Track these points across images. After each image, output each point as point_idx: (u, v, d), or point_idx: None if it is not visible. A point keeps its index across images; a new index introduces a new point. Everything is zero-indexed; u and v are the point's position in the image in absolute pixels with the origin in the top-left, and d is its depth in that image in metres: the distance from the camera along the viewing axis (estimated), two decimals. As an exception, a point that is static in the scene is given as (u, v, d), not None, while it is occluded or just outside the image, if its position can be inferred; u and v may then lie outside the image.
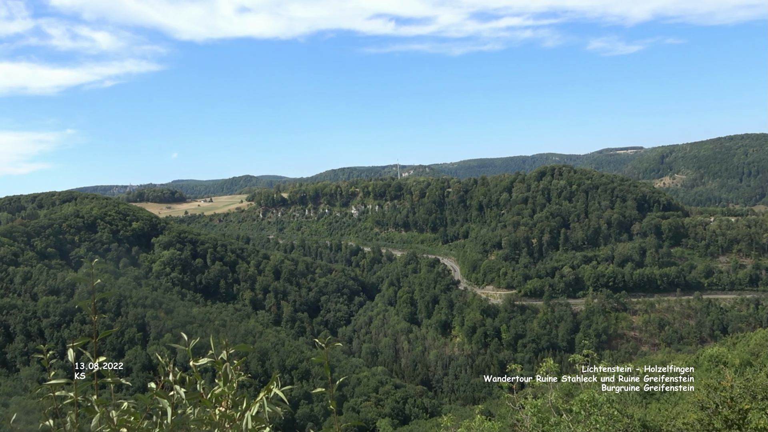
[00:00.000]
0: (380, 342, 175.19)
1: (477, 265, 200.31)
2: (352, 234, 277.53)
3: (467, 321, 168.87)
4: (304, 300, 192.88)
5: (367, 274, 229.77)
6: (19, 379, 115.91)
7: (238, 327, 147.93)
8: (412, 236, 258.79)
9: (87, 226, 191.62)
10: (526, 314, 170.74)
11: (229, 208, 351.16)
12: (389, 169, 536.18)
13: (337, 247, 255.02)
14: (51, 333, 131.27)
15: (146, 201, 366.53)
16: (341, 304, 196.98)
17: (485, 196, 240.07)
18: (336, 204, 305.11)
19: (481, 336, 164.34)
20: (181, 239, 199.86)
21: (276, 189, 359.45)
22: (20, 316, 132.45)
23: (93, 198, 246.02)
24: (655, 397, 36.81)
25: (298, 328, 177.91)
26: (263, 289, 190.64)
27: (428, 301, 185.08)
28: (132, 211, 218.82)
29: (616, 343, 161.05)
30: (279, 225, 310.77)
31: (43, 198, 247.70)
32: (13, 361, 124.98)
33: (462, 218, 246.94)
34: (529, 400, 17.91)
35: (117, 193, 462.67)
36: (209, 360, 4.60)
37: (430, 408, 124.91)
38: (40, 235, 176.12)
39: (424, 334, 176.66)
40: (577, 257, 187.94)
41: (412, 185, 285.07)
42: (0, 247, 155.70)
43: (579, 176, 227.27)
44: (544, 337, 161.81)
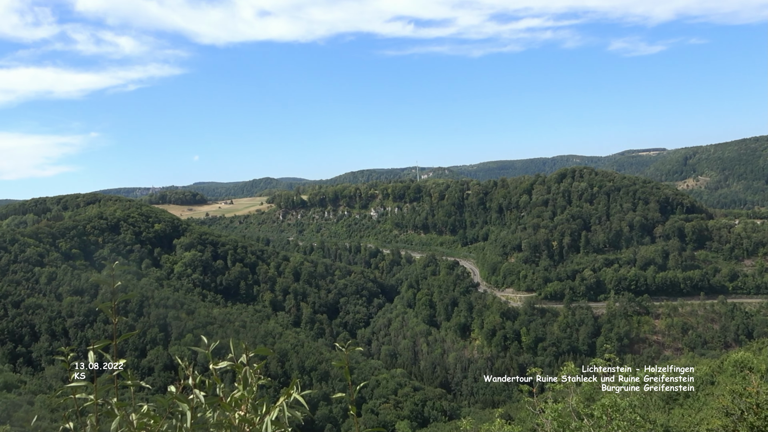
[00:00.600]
0: (399, 344, 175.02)
1: (497, 267, 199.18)
2: (371, 236, 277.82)
3: (487, 324, 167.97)
4: (324, 302, 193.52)
5: (386, 276, 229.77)
6: (44, 377, 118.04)
7: (258, 328, 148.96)
8: (431, 238, 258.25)
9: (110, 227, 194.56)
10: (547, 317, 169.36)
11: (250, 210, 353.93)
12: (408, 171, 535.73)
13: (356, 249, 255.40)
14: (75, 333, 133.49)
15: (168, 203, 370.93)
16: (360, 306, 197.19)
17: (505, 199, 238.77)
18: (355, 206, 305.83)
19: (501, 339, 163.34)
20: (202, 241, 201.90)
21: (296, 191, 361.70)
22: (45, 315, 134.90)
23: (116, 200, 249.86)
24: (678, 402, 36.27)
25: (318, 329, 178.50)
26: (283, 291, 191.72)
27: (447, 304, 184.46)
28: (154, 213, 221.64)
29: (638, 347, 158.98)
30: (299, 227, 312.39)
31: (67, 200, 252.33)
32: (39, 359, 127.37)
33: (481, 220, 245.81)
34: (550, 404, 17.73)
35: (140, 195, 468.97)
36: (229, 363, 4.60)
37: (449, 411, 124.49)
38: (64, 237, 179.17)
39: (443, 337, 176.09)
40: (599, 260, 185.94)
41: (431, 187, 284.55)
42: (26, 248, 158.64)
43: (600, 178, 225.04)
44: (564, 341, 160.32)
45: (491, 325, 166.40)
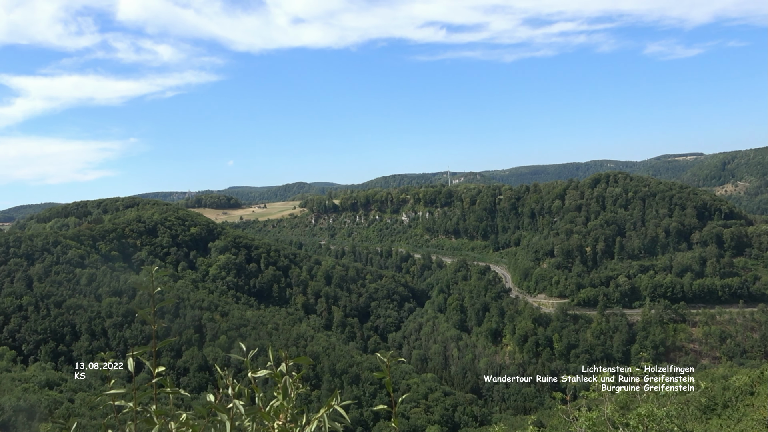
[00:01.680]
0: (430, 349, 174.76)
1: (529, 273, 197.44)
2: (402, 240, 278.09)
3: (518, 329, 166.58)
4: (355, 305, 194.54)
5: (417, 280, 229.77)
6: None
7: (290, 331, 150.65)
8: (462, 243, 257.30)
9: (148, 230, 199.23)
10: (580, 324, 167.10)
11: (283, 214, 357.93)
12: (440, 176, 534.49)
13: (388, 254, 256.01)
14: (114, 333, 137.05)
15: (203, 207, 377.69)
16: (391, 310, 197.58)
17: (537, 204, 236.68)
18: (386, 211, 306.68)
19: (533, 345, 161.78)
20: (236, 244, 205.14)
21: (328, 196, 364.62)
22: (85, 315, 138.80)
23: (154, 204, 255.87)
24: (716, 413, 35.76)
25: (349, 333, 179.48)
26: (315, 294, 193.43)
27: (478, 309, 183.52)
28: (190, 217, 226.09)
29: (674, 355, 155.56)
30: (330, 231, 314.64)
31: (107, 203, 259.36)
32: (79, 358, 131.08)
33: (513, 226, 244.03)
34: (583, 412, 17.77)
35: (176, 199, 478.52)
36: (268, 372, 4.56)
37: (479, 417, 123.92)
38: (104, 239, 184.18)
39: (474, 342, 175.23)
40: (633, 266, 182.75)
41: (462, 192, 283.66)
42: (68, 250, 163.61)
43: (635, 183, 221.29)
44: (598, 348, 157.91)
45: (523, 331, 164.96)
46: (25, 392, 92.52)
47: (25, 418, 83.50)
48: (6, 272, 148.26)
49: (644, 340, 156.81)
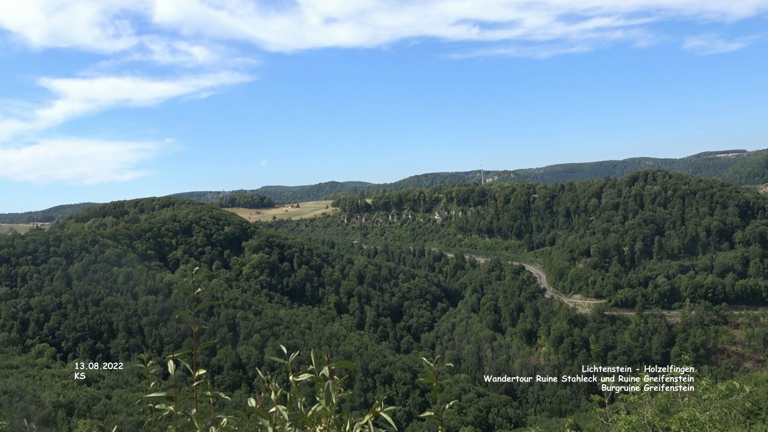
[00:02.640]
0: (463, 349, 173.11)
1: (564, 273, 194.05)
2: (435, 240, 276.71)
3: (554, 330, 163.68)
4: (387, 305, 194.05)
5: (450, 280, 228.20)
6: (121, 372, 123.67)
7: (323, 330, 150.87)
8: (496, 243, 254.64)
9: (183, 229, 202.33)
10: (617, 325, 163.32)
11: (315, 214, 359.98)
12: (473, 174, 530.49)
13: (420, 253, 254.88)
14: (150, 330, 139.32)
15: (237, 206, 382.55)
16: (424, 310, 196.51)
17: (573, 202, 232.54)
18: (419, 210, 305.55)
19: (569, 346, 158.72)
20: (269, 243, 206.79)
21: (360, 195, 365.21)
22: (122, 313, 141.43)
23: (189, 203, 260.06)
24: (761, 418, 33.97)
25: (381, 332, 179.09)
26: (347, 293, 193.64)
27: (513, 309, 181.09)
28: (224, 216, 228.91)
29: (715, 358, 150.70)
30: (363, 230, 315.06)
31: (144, 203, 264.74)
32: (116, 355, 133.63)
33: (548, 225, 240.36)
34: (622, 415, 16.99)
35: (211, 198, 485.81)
36: (310, 376, 4.44)
37: (514, 418, 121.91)
38: (140, 238, 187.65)
39: (508, 343, 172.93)
40: (673, 266, 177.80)
41: (496, 191, 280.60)
42: (106, 249, 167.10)
43: (675, 181, 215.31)
44: (636, 350, 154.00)
45: (558, 332, 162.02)
46: (64, 388, 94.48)
47: (64, 413, 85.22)
48: (46, 270, 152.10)
49: (684, 342, 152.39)
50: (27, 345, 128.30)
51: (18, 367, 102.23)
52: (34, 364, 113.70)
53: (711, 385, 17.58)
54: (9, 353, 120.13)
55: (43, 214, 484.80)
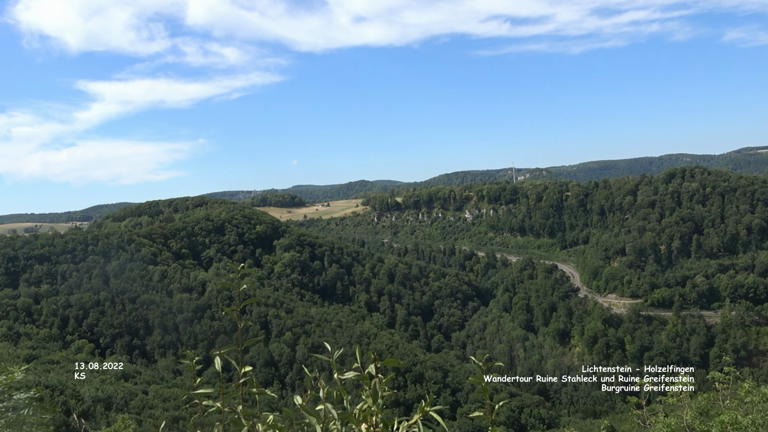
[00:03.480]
0: (495, 349, 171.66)
1: (598, 272, 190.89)
2: (465, 238, 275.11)
3: (588, 330, 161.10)
4: (418, 303, 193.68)
5: (481, 279, 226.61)
6: (157, 369, 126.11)
7: (354, 328, 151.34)
8: (528, 241, 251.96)
9: (216, 228, 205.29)
10: (653, 325, 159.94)
11: (345, 212, 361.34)
12: (504, 172, 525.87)
13: (451, 252, 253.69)
14: (184, 328, 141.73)
15: (269, 205, 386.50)
16: (455, 309, 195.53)
17: (607, 200, 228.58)
18: (449, 208, 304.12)
19: (603, 347, 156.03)
20: (300, 242, 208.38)
21: (390, 193, 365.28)
22: (158, 311, 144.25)
23: (221, 203, 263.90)
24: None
25: (412, 331, 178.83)
26: (378, 292, 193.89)
27: (545, 309, 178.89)
28: (256, 215, 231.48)
29: (757, 360, 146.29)
30: (393, 229, 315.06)
31: (178, 203, 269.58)
32: (152, 352, 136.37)
33: (582, 223, 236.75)
34: (660, 418, 16.59)
35: (242, 198, 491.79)
36: (356, 374, 4.29)
37: (547, 419, 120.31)
38: (175, 237, 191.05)
39: (540, 343, 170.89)
40: (712, 265, 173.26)
41: (528, 189, 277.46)
42: (141, 248, 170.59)
43: (714, 178, 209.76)
44: (673, 351, 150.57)
45: (592, 332, 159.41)
46: (102, 383, 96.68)
47: (103, 408, 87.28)
48: (85, 269, 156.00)
49: (724, 343, 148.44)
50: (67, 341, 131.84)
51: (59, 363, 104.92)
52: (74, 359, 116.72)
53: (753, 387, 16.97)
54: (50, 349, 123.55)
55: (81, 213, 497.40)
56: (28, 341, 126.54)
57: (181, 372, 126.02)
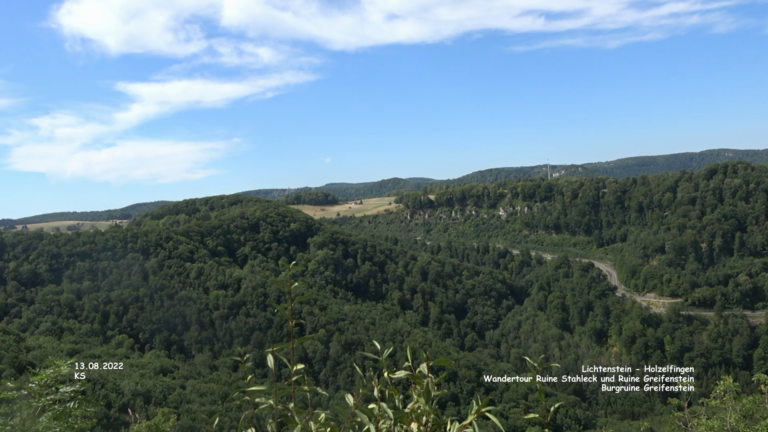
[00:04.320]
0: (530, 348, 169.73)
1: (636, 270, 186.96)
2: (499, 236, 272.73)
3: (625, 330, 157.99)
4: (451, 301, 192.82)
5: (515, 277, 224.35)
6: (194, 364, 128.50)
7: (387, 326, 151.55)
8: (563, 239, 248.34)
9: (251, 226, 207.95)
10: (694, 325, 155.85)
11: (378, 210, 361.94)
12: (538, 169, 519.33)
13: (485, 249, 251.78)
14: (220, 324, 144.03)
15: (302, 203, 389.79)
16: (489, 307, 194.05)
17: (646, 197, 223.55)
18: (483, 205, 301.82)
19: (642, 347, 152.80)
20: (333, 240, 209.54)
21: (423, 191, 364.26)
22: (195, 307, 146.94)
23: (256, 201, 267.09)
24: None
25: (445, 329, 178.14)
26: (411, 290, 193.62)
27: (581, 307, 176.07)
28: (290, 213, 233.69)
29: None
30: (426, 226, 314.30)
31: (214, 201, 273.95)
32: (189, 347, 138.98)
33: (619, 220, 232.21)
34: (703, 420, 16.13)
35: (277, 196, 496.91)
36: (407, 373, 4.18)
37: (583, 419, 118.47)
38: (211, 235, 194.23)
39: (576, 342, 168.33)
40: (756, 264, 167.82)
41: (563, 186, 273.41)
42: (179, 245, 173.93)
43: (758, 174, 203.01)
44: (715, 352, 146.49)
45: (630, 332, 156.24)
46: (142, 378, 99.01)
47: (142, 401, 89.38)
48: (125, 266, 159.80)
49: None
50: (108, 336, 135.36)
51: (100, 357, 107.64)
52: (115, 354, 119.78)
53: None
54: (92, 343, 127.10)
55: (121, 212, 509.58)
56: (70, 336, 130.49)
57: (217, 367, 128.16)
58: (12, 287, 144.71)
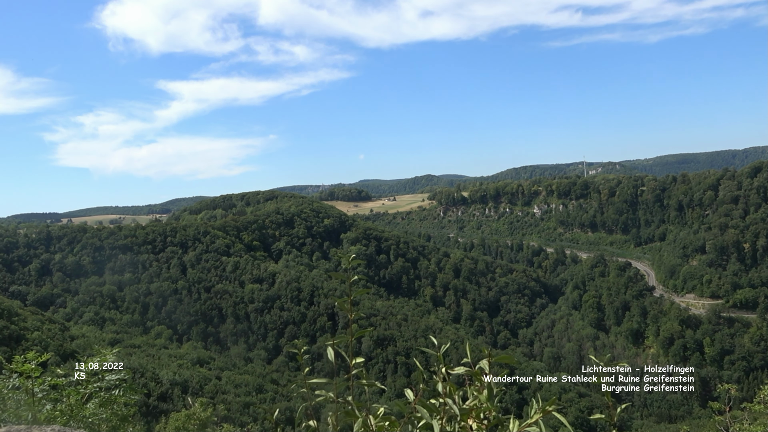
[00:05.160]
0: (563, 347, 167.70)
1: (675, 270, 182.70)
2: (533, 234, 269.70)
3: (663, 331, 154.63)
4: (484, 299, 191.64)
5: (549, 275, 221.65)
6: (229, 356, 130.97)
7: (419, 322, 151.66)
8: (599, 237, 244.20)
9: (286, 222, 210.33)
10: (735, 328, 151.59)
11: (411, 207, 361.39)
12: (574, 166, 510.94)
13: (518, 247, 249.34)
14: (255, 317, 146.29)
15: (336, 199, 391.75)
16: (522, 306, 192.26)
17: (686, 195, 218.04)
18: (517, 203, 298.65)
19: (680, 349, 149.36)
20: (366, 236, 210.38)
21: (456, 188, 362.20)
22: (231, 300, 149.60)
23: (291, 197, 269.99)
24: None
25: (478, 326, 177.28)
26: (443, 287, 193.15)
27: (618, 307, 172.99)
28: (324, 209, 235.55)
29: None
30: (459, 224, 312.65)
31: (249, 197, 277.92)
32: (225, 339, 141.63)
33: (658, 219, 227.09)
34: (745, 425, 15.87)
35: (311, 192, 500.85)
36: (466, 369, 4.08)
37: (618, 422, 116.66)
38: (247, 230, 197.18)
39: (612, 342, 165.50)
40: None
41: (600, 183, 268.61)
42: (216, 240, 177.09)
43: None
44: (757, 355, 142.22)
45: (668, 333, 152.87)
46: (179, 368, 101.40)
47: (180, 391, 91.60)
48: (164, 259, 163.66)
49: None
50: (147, 327, 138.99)
51: (140, 347, 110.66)
52: (154, 344, 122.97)
53: None
54: (132, 334, 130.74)
55: (161, 206, 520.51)
56: (112, 326, 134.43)
57: (251, 360, 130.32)
58: (57, 278, 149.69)
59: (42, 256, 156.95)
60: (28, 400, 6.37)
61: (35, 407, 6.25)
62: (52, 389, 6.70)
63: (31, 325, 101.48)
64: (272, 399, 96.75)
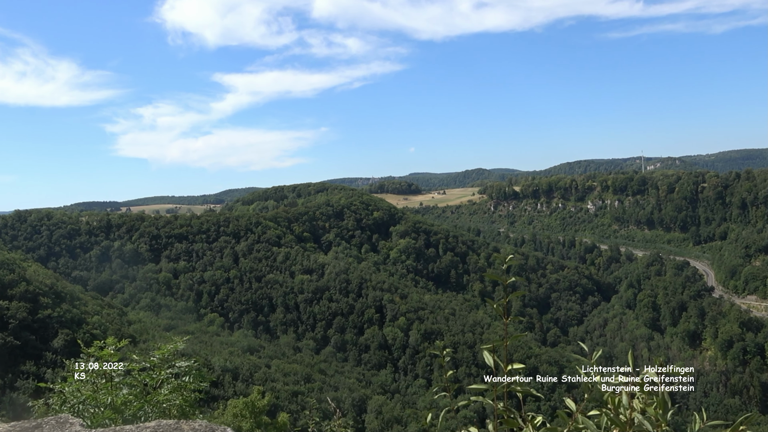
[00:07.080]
0: (616, 347, 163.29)
1: (737, 270, 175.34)
2: (587, 230, 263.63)
3: (722, 333, 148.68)
4: (534, 295, 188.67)
5: (602, 273, 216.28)
6: (279, 345, 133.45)
7: (467, 317, 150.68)
8: (656, 235, 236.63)
9: (335, 214, 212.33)
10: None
11: (461, 201, 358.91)
12: (631, 161, 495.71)
13: (571, 244, 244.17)
14: (304, 308, 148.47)
15: (386, 192, 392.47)
16: (573, 303, 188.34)
17: (750, 193, 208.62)
18: (570, 198, 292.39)
19: (739, 352, 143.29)
20: (415, 229, 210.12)
21: (508, 182, 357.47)
22: (281, 290, 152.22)
23: (341, 189, 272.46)
24: None
25: (527, 323, 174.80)
26: (492, 282, 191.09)
27: (674, 308, 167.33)
28: (373, 202, 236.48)
29: None
30: (510, 219, 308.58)
31: (300, 188, 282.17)
32: (275, 328, 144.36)
33: (719, 217, 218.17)
34: None
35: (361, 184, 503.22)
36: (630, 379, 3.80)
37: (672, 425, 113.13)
38: (297, 221, 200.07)
39: (667, 343, 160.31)
40: None
41: (658, 179, 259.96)
42: (267, 230, 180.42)
43: None
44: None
45: (727, 336, 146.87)
46: (230, 355, 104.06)
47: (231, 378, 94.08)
48: (218, 248, 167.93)
49: None
50: (200, 314, 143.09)
51: (193, 333, 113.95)
52: (206, 331, 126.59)
53: None
54: (186, 320, 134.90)
55: (215, 197, 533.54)
56: (167, 312, 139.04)
57: (300, 349, 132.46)
58: (116, 265, 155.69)
59: (102, 243, 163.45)
60: (105, 384, 6.68)
61: (113, 392, 6.54)
62: (126, 374, 6.98)
63: (92, 310, 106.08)
64: (320, 389, 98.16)
